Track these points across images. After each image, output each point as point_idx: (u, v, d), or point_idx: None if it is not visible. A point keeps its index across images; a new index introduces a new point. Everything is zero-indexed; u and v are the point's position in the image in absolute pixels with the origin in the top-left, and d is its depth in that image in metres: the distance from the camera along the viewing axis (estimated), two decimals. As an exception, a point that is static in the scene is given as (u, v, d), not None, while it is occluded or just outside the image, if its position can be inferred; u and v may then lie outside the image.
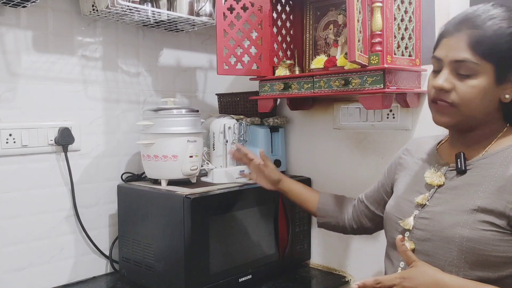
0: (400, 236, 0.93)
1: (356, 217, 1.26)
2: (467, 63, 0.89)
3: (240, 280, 1.46)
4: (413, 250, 0.95)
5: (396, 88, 1.29)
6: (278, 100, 1.73)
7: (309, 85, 1.43)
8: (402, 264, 0.99)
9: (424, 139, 1.13)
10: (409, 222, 0.97)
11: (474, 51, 0.88)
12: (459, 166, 0.94)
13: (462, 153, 0.95)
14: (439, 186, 0.96)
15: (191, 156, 1.44)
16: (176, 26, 1.68)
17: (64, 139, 1.48)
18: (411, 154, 1.12)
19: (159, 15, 1.53)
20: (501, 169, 0.89)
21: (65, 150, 1.49)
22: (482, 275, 0.86)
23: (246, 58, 1.53)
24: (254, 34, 1.55)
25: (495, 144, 0.94)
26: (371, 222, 1.24)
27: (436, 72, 0.95)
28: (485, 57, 0.88)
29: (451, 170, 0.97)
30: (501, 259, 0.85)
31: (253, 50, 1.54)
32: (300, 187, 1.37)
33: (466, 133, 0.96)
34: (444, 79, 0.91)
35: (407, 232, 0.97)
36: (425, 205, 0.96)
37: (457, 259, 0.88)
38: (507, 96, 0.90)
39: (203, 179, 1.58)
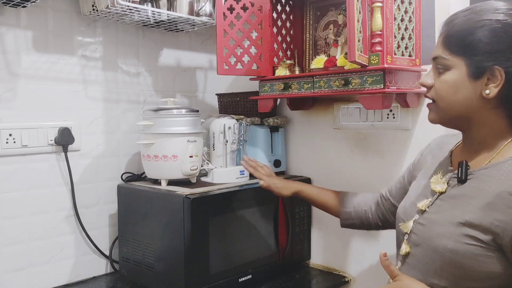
0: (383, 252, 0.95)
1: (381, 215, 1.24)
2: (439, 60, 0.92)
3: (240, 280, 1.46)
4: (408, 253, 0.96)
5: (396, 88, 1.29)
6: (278, 100, 1.73)
7: (309, 85, 1.43)
8: (399, 264, 1.00)
9: (448, 138, 1.09)
10: (408, 225, 0.98)
11: (444, 47, 0.91)
12: (459, 175, 0.92)
13: (465, 161, 0.93)
14: (441, 193, 0.95)
15: (191, 156, 1.44)
16: (176, 26, 1.68)
17: (64, 139, 1.48)
18: (432, 153, 1.10)
19: (159, 15, 1.53)
20: (496, 185, 0.86)
21: (65, 150, 1.49)
22: (469, 285, 0.86)
23: (246, 58, 1.53)
24: (254, 34, 1.55)
25: (501, 152, 0.91)
26: None
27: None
28: (453, 51, 0.90)
29: (454, 177, 0.95)
30: (483, 273, 0.84)
31: (253, 50, 1.54)
32: (318, 192, 1.37)
33: (468, 135, 0.95)
34: (427, 75, 0.96)
35: (406, 235, 0.98)
36: (425, 211, 0.96)
37: (440, 269, 0.88)
38: (487, 92, 0.88)
39: (203, 179, 1.58)
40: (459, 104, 0.91)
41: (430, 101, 0.99)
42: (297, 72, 1.55)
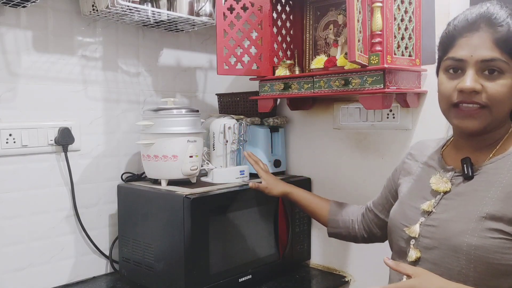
0: (385, 258, 0.92)
1: (366, 227, 1.24)
2: (496, 62, 0.85)
3: (240, 280, 1.46)
4: (419, 259, 0.92)
5: (396, 88, 1.29)
6: (278, 100, 1.73)
7: (309, 85, 1.43)
8: None
9: (427, 143, 1.10)
10: (415, 229, 0.94)
11: (501, 49, 0.85)
12: (466, 172, 0.90)
13: (468, 158, 0.92)
14: (445, 192, 0.93)
15: (191, 156, 1.44)
16: (176, 26, 1.68)
17: (64, 139, 1.48)
18: (415, 159, 1.09)
19: (159, 15, 1.53)
20: (509, 175, 0.86)
21: (65, 150, 1.49)
22: (493, 284, 0.83)
23: (246, 58, 1.53)
24: (254, 34, 1.55)
25: (501, 146, 0.91)
26: (382, 230, 1.20)
27: (453, 73, 0.90)
28: (511, 54, 0.85)
29: (457, 175, 0.93)
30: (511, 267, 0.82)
31: (253, 50, 1.54)
32: (308, 197, 1.37)
33: (476, 136, 0.93)
34: (473, 80, 0.86)
35: (413, 240, 0.94)
36: (431, 212, 0.93)
37: (465, 268, 0.84)
38: None
39: (203, 179, 1.58)
40: (508, 111, 0.89)
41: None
42: (297, 72, 1.55)
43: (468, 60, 0.87)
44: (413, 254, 0.93)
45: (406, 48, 1.33)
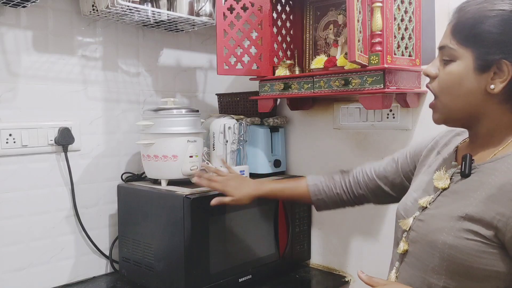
0: (359, 271, 0.91)
1: (357, 193, 1.21)
2: (446, 49, 0.87)
3: (240, 280, 1.46)
4: (406, 251, 0.92)
5: (396, 88, 1.29)
6: (278, 100, 1.73)
7: (309, 85, 1.43)
8: (397, 263, 0.96)
9: (453, 131, 1.05)
10: (408, 222, 0.94)
11: (453, 36, 0.86)
12: (463, 170, 0.89)
13: (468, 155, 0.89)
14: (444, 189, 0.91)
15: (191, 156, 1.44)
16: (176, 26, 1.68)
17: (64, 139, 1.48)
18: (438, 149, 1.05)
19: (159, 15, 1.53)
20: (498, 177, 0.82)
21: (65, 150, 1.49)
22: (464, 285, 0.82)
23: (246, 58, 1.53)
24: (254, 34, 1.55)
25: (507, 147, 0.87)
26: (377, 198, 1.20)
27: None
28: (462, 41, 0.85)
29: (458, 172, 0.91)
30: (484, 272, 0.80)
31: (253, 50, 1.54)
32: (281, 188, 1.31)
33: (474, 131, 0.91)
34: (432, 64, 0.90)
35: (405, 232, 0.94)
36: (426, 207, 0.92)
37: (438, 266, 0.84)
38: (492, 86, 0.83)
39: (203, 179, 1.58)
40: (462, 99, 0.87)
41: (428, 101, 0.97)
42: (297, 72, 1.55)
43: (438, 48, 0.91)
44: (401, 246, 0.93)
45: (406, 48, 1.33)
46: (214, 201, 1.26)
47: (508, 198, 0.78)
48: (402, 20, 1.31)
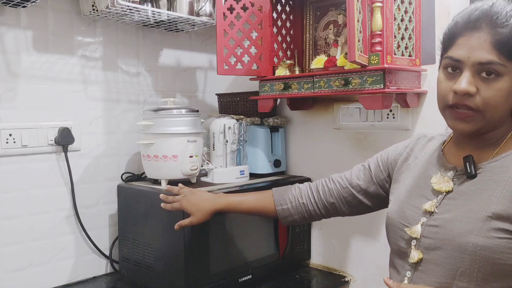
0: (385, 278, 0.88)
1: (327, 203, 1.16)
2: (493, 65, 0.82)
3: (240, 280, 1.46)
4: (421, 260, 0.90)
5: (396, 88, 1.29)
6: (278, 100, 1.73)
7: (309, 85, 1.43)
8: (408, 273, 0.93)
9: (428, 136, 1.07)
10: (417, 230, 0.91)
11: (499, 52, 0.82)
12: (469, 171, 0.88)
13: (471, 156, 0.90)
14: (448, 192, 0.91)
15: (191, 156, 1.44)
16: (176, 26, 1.68)
17: (64, 139, 1.48)
18: (414, 154, 1.05)
19: (159, 15, 1.53)
20: None
21: (65, 150, 1.49)
22: (496, 285, 0.82)
23: (246, 58, 1.53)
24: (254, 34, 1.55)
25: (504, 145, 0.89)
26: (351, 209, 1.16)
27: (452, 72, 0.87)
28: (509, 57, 0.82)
29: (459, 174, 0.91)
30: None
31: (253, 50, 1.54)
32: (247, 200, 1.23)
33: (478, 135, 0.91)
34: (468, 82, 0.83)
35: (414, 241, 0.92)
36: (433, 212, 0.90)
37: (469, 269, 0.83)
38: None
39: (203, 179, 1.58)
40: (505, 113, 0.87)
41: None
42: (297, 72, 1.55)
43: (464, 61, 0.84)
44: (415, 255, 0.90)
45: (406, 48, 1.33)
46: (176, 226, 1.22)
47: None
48: (402, 20, 1.31)
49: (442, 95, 0.89)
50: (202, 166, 1.53)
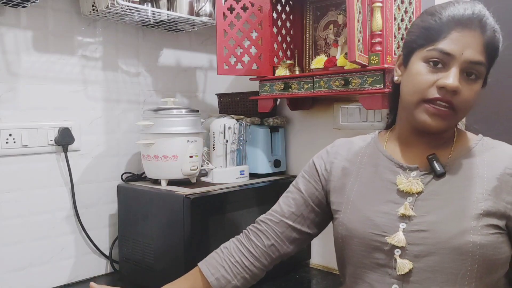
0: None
1: (268, 243, 1.02)
2: (480, 67, 0.83)
3: (240, 280, 1.46)
4: (411, 270, 0.83)
5: (396, 88, 1.29)
6: (278, 100, 1.73)
7: (309, 85, 1.43)
8: (395, 287, 0.85)
9: (348, 140, 1.05)
10: (400, 238, 0.83)
11: (487, 54, 0.83)
12: (438, 169, 0.86)
13: (435, 154, 0.88)
14: (419, 193, 0.87)
15: (191, 156, 1.44)
16: (176, 26, 1.68)
17: (64, 139, 1.48)
18: (348, 159, 1.00)
19: (159, 15, 1.53)
20: (486, 170, 0.85)
21: (65, 150, 1.49)
22: (488, 281, 0.82)
23: (246, 58, 1.53)
24: (254, 34, 1.55)
25: (458, 138, 0.92)
26: (293, 243, 1.03)
27: (433, 67, 0.84)
28: (489, 61, 0.85)
29: (424, 174, 0.88)
30: (502, 260, 0.83)
31: (253, 50, 1.54)
32: (177, 281, 1.04)
33: (439, 133, 0.89)
34: (454, 77, 0.81)
35: (398, 250, 0.84)
36: (411, 216, 0.85)
37: (470, 270, 0.80)
38: None
39: (203, 179, 1.58)
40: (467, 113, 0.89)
41: (425, 99, 0.92)
42: (297, 72, 1.55)
43: (456, 57, 0.82)
44: (404, 265, 0.83)
45: (406, 48, 1.33)
46: None
47: (510, 187, 0.83)
48: (402, 20, 1.31)
49: (421, 88, 0.84)
50: (202, 166, 1.53)
